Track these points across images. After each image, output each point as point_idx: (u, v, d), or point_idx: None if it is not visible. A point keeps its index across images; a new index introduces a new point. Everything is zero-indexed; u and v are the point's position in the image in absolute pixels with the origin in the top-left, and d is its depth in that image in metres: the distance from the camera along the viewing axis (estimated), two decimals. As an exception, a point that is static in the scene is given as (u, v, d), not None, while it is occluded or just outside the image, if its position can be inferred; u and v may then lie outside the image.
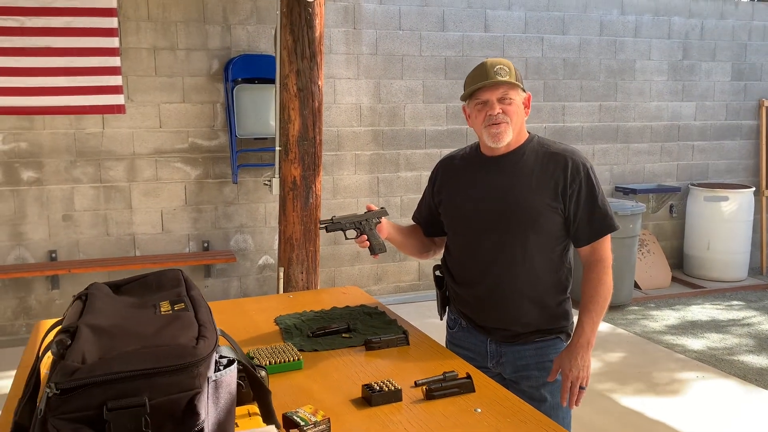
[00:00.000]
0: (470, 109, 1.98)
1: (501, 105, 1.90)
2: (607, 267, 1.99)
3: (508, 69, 1.91)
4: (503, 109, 1.90)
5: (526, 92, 1.97)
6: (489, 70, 1.90)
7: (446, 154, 2.21)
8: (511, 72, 1.91)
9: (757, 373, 4.10)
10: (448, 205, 2.10)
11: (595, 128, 5.99)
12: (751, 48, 6.41)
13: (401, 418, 1.48)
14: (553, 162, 1.94)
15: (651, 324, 5.02)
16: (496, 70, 1.89)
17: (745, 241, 6.01)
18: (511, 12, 5.58)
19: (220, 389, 1.06)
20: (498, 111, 1.90)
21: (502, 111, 1.90)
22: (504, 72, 1.89)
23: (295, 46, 3.75)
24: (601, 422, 3.39)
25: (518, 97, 1.93)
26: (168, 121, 4.79)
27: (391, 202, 5.42)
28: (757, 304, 5.53)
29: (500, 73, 1.89)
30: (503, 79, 1.88)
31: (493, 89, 1.90)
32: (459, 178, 2.07)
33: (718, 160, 6.47)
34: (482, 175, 2.01)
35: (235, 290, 5.09)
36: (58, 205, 4.63)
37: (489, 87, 1.89)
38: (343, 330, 2.02)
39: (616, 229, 1.98)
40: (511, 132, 1.93)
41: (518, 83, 1.92)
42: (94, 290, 1.24)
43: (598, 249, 1.98)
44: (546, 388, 1.99)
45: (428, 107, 5.44)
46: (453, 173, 2.11)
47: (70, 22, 4.24)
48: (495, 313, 2.01)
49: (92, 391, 0.92)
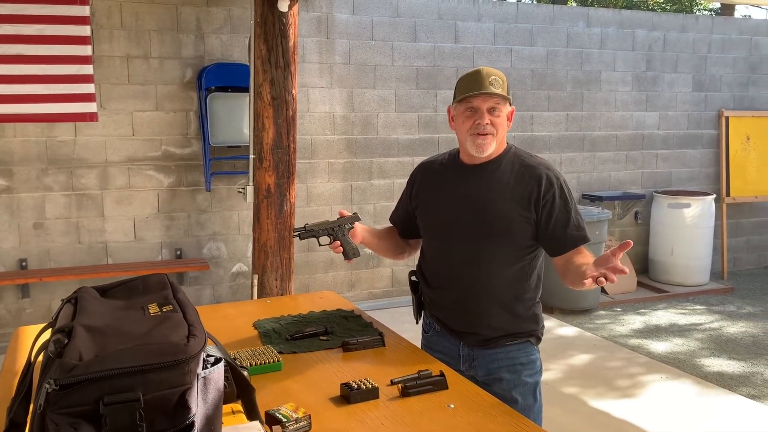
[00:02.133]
0: (457, 112, 2.02)
1: (490, 116, 1.96)
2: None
3: (501, 81, 1.96)
4: (491, 121, 1.96)
5: (512, 106, 2.03)
6: (484, 79, 1.94)
7: (425, 159, 2.26)
8: (503, 85, 1.96)
9: (717, 374, 4.25)
10: (424, 210, 2.16)
11: (562, 137, 6.14)
12: (711, 60, 6.64)
13: (378, 415, 1.54)
14: (528, 174, 2.00)
15: (617, 327, 5.16)
16: (491, 81, 1.94)
17: (706, 246, 6.21)
18: (481, 24, 5.71)
19: (209, 385, 1.12)
20: (487, 121, 1.96)
21: (490, 122, 1.96)
22: (497, 84, 1.95)
23: (269, 55, 3.81)
24: (569, 422, 3.49)
25: (506, 110, 1.99)
26: (141, 129, 4.80)
27: (364, 209, 5.49)
28: (718, 307, 5.72)
29: (494, 84, 1.94)
30: (496, 90, 1.93)
31: (486, 98, 1.94)
32: (436, 184, 2.13)
33: (680, 168, 6.68)
34: (459, 183, 2.06)
35: (208, 298, 5.10)
36: (29, 213, 4.60)
37: (482, 95, 1.94)
38: (320, 333, 2.08)
39: (588, 241, 2.02)
40: (494, 144, 1.99)
41: (509, 97, 1.99)
42: (83, 293, 1.28)
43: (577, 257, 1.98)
44: (517, 390, 2.05)
45: (401, 116, 5.53)
46: (431, 179, 2.17)
47: (43, 29, 4.23)
48: (467, 318, 2.07)
49: (89, 386, 0.97)
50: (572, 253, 1.98)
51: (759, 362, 4.44)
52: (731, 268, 6.90)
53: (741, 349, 4.69)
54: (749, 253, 7.07)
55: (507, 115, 2.01)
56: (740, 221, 6.98)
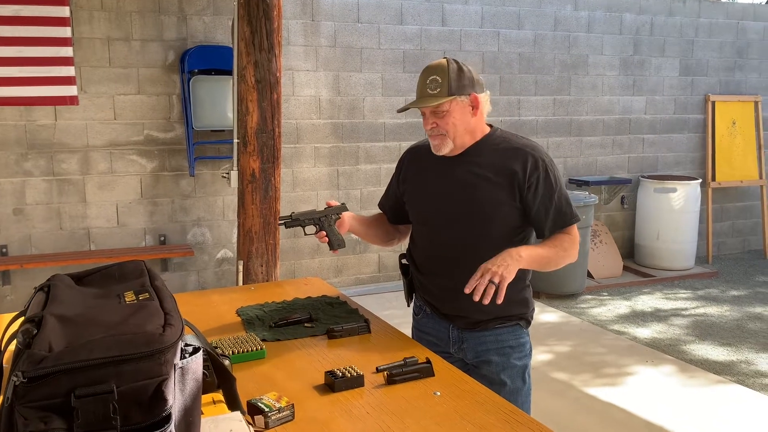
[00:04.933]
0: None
1: (434, 118, 1.95)
2: (574, 242, 2.02)
3: (440, 81, 1.92)
4: (437, 123, 1.95)
5: (468, 96, 1.95)
6: (422, 85, 1.95)
7: (414, 144, 2.25)
8: (443, 83, 1.91)
9: (702, 358, 4.28)
10: (411, 196, 2.15)
11: (550, 122, 6.12)
12: (698, 44, 6.64)
13: (363, 403, 1.52)
14: (512, 156, 1.98)
15: (603, 312, 5.18)
16: (428, 83, 1.93)
17: (692, 231, 6.24)
18: (468, 6, 5.65)
19: (187, 376, 1.08)
20: (431, 125, 1.96)
21: (436, 125, 1.95)
22: (435, 85, 1.92)
23: (253, 37, 3.74)
24: (555, 406, 3.49)
25: (456, 104, 1.93)
26: (123, 113, 4.71)
27: (351, 194, 5.44)
28: (703, 291, 5.75)
29: (430, 86, 1.92)
30: (429, 99, 1.91)
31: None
32: (423, 170, 2.12)
33: (667, 153, 6.69)
34: (444, 170, 2.05)
35: (193, 284, 5.05)
36: (9, 198, 4.52)
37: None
38: (305, 320, 2.04)
39: (577, 220, 2.03)
40: (449, 142, 1.97)
41: (449, 96, 1.91)
42: (56, 281, 1.24)
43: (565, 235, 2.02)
44: (505, 373, 2.04)
45: (387, 100, 5.48)
46: (418, 165, 2.15)
47: (20, 10, 4.12)
48: (456, 302, 2.05)
49: (60, 378, 0.93)
50: (558, 234, 2.00)
51: (743, 346, 4.47)
52: (716, 252, 6.94)
53: (725, 333, 4.72)
54: (734, 238, 7.11)
55: (463, 107, 1.95)
56: (725, 206, 7.01)
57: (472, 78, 1.97)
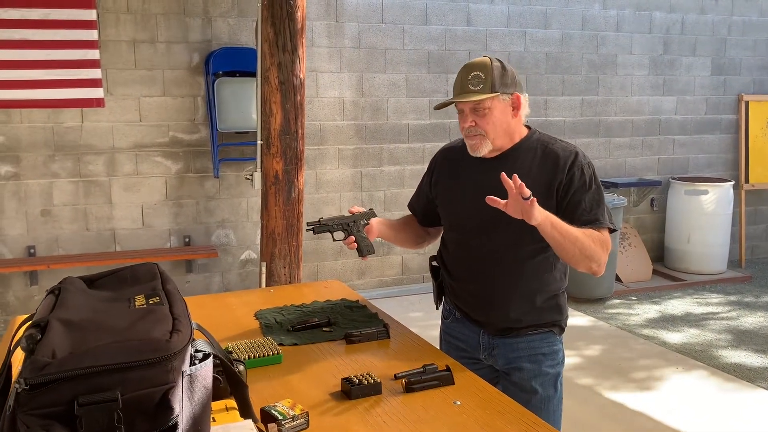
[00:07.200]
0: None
1: (474, 116, 1.87)
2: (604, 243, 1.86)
3: (483, 77, 1.85)
4: (476, 121, 1.87)
5: (510, 95, 1.90)
6: (463, 80, 1.87)
7: (447, 144, 2.18)
8: (486, 80, 1.84)
9: (736, 365, 4.15)
10: (444, 200, 2.09)
11: (577, 122, 6.02)
12: (731, 43, 6.47)
13: (380, 411, 1.47)
14: (551, 161, 1.91)
15: (632, 317, 5.06)
16: (470, 79, 1.85)
17: (724, 234, 6.07)
18: (494, 6, 5.58)
19: (195, 383, 1.05)
20: (470, 124, 1.88)
21: (475, 123, 1.88)
22: (477, 81, 1.85)
23: (277, 38, 3.72)
24: (582, 414, 3.41)
25: (498, 103, 1.87)
26: (148, 115, 4.74)
27: (374, 196, 5.41)
28: (736, 296, 5.60)
29: (473, 82, 1.85)
30: (471, 94, 1.84)
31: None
32: (455, 173, 2.05)
33: (698, 154, 6.53)
34: (477, 174, 1.97)
35: (217, 285, 5.06)
36: (37, 199, 4.57)
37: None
38: (323, 324, 2.01)
39: (609, 225, 1.88)
40: (488, 143, 1.90)
41: (492, 93, 1.85)
42: (67, 284, 1.22)
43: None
44: (537, 381, 1.98)
45: (411, 101, 5.43)
46: (450, 167, 2.08)
47: (48, 14, 4.18)
48: (487, 309, 2.00)
49: (62, 386, 0.90)
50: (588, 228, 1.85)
51: (778, 353, 4.33)
52: (749, 256, 6.75)
53: (760, 339, 4.58)
54: (768, 241, 6.93)
55: (505, 106, 1.89)
56: (759, 208, 6.82)
57: (514, 77, 1.92)
